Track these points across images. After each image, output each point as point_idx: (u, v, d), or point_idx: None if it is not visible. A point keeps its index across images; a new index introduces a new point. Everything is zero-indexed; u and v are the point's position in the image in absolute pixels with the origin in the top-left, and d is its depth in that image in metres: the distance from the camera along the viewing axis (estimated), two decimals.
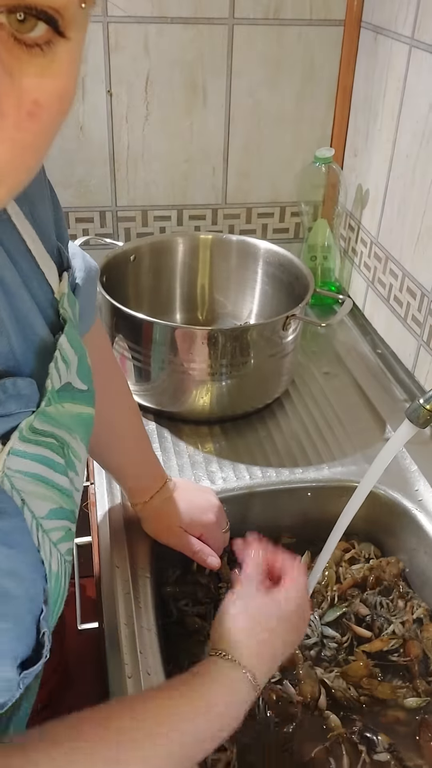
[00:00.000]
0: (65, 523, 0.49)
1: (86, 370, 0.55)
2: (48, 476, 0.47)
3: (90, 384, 0.55)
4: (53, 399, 0.49)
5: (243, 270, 1.20)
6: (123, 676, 0.68)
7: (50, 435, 0.48)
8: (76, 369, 0.53)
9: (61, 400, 0.50)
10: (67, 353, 0.50)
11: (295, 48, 1.25)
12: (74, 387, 0.52)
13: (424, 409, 0.63)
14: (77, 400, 0.53)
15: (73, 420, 0.52)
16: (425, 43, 1.02)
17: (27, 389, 0.45)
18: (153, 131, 1.28)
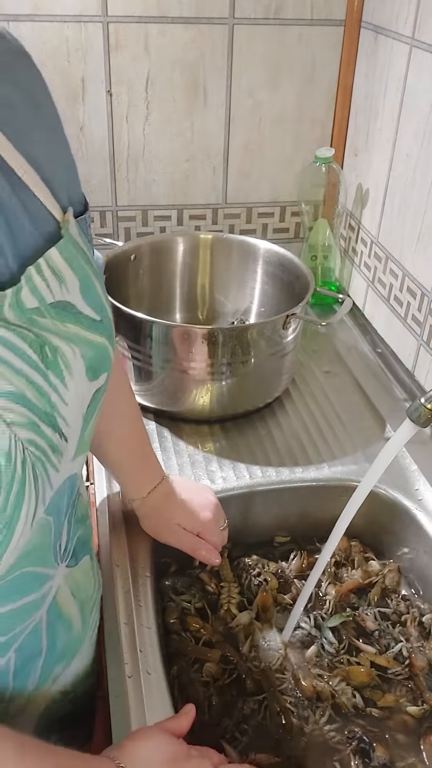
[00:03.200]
0: (28, 414, 0.47)
1: (98, 299, 0.54)
2: (12, 360, 0.45)
3: (105, 317, 0.55)
4: (47, 311, 0.48)
5: (243, 269, 1.20)
6: (123, 675, 0.68)
7: (25, 328, 0.47)
8: (80, 292, 0.52)
9: (61, 318, 0.49)
10: (59, 268, 0.49)
11: (295, 48, 1.26)
12: (81, 312, 0.52)
13: (425, 408, 0.63)
14: (86, 327, 0.52)
15: (78, 339, 0.51)
16: (425, 43, 1.02)
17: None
18: (153, 131, 1.28)
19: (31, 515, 0.48)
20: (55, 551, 0.59)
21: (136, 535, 0.84)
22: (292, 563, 0.90)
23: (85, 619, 0.67)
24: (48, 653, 0.61)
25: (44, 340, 0.48)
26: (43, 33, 1.17)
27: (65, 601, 0.62)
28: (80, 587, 0.65)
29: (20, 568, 0.54)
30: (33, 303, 0.47)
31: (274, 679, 0.77)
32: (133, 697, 0.66)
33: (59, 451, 0.50)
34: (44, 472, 0.49)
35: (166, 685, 0.69)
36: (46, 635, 0.60)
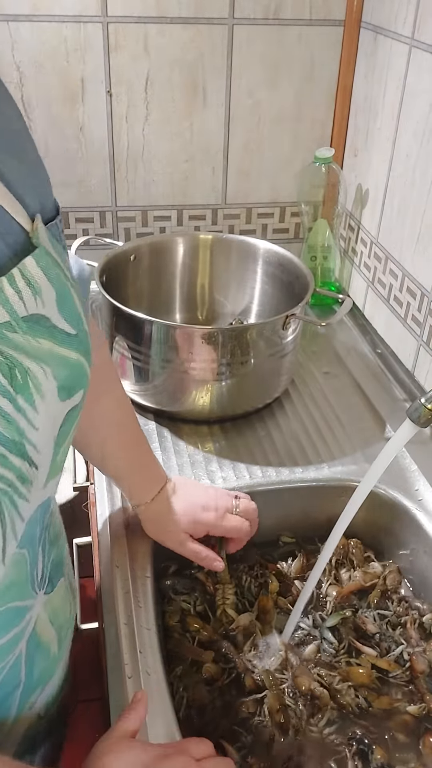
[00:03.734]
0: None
1: (74, 311, 0.51)
2: None
3: (81, 330, 0.51)
4: (18, 326, 0.45)
5: (243, 270, 1.20)
6: (123, 676, 0.68)
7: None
8: (56, 304, 0.48)
9: (34, 333, 0.46)
10: (34, 278, 0.46)
11: (295, 48, 1.26)
12: (55, 326, 0.48)
13: (425, 408, 0.63)
14: (60, 342, 0.49)
15: (51, 357, 0.48)
16: (425, 43, 1.02)
17: None
18: (153, 131, 1.28)
19: (1, 552, 0.45)
20: (32, 581, 0.57)
21: (135, 536, 0.84)
22: (292, 565, 0.90)
23: (62, 641, 0.66)
24: (26, 682, 0.60)
25: (14, 361, 0.44)
26: (42, 33, 1.17)
27: (43, 629, 0.61)
28: (57, 612, 0.64)
29: (1, 606, 0.52)
30: (4, 317, 0.43)
31: (275, 680, 0.77)
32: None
33: (29, 481, 0.47)
34: (12, 506, 0.46)
35: (166, 685, 0.69)
36: (24, 666, 0.59)
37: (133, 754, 0.56)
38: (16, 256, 0.45)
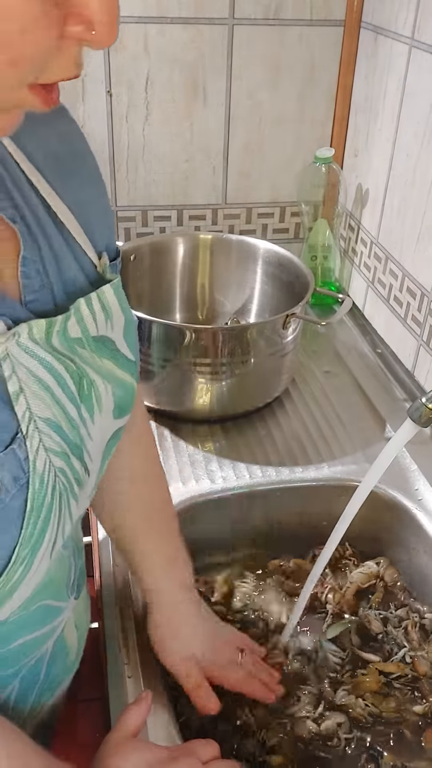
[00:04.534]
0: (62, 443, 0.47)
1: (134, 341, 0.57)
2: (53, 388, 0.47)
3: (137, 357, 0.57)
4: (87, 343, 0.50)
5: (243, 270, 1.20)
6: (123, 676, 0.68)
7: (68, 358, 0.48)
8: (123, 332, 0.54)
9: (100, 353, 0.51)
10: (109, 304, 0.52)
11: (295, 48, 1.26)
12: (119, 350, 0.54)
13: (426, 408, 0.63)
14: (121, 365, 0.54)
15: (111, 377, 0.52)
16: (425, 44, 1.02)
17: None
18: (153, 131, 1.28)
19: (51, 544, 0.48)
20: (68, 584, 0.60)
21: None
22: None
23: (80, 647, 0.67)
24: (43, 681, 0.61)
25: (83, 372, 0.49)
26: None
27: (69, 632, 0.63)
28: (81, 617, 0.66)
29: (38, 601, 0.54)
30: (77, 333, 0.48)
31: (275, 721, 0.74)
32: (132, 697, 0.66)
33: (82, 484, 0.51)
34: (68, 503, 0.49)
35: (167, 685, 0.69)
36: (46, 665, 0.61)
37: (139, 755, 0.56)
38: (89, 285, 0.51)
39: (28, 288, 0.46)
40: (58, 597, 0.58)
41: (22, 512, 0.44)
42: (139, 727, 0.59)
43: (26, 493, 0.44)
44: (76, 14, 0.34)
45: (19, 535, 0.44)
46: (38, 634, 0.57)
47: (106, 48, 0.36)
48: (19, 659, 0.57)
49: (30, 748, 0.52)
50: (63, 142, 0.53)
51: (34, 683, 0.60)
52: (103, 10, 0.34)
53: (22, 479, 0.44)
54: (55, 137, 0.52)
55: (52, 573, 0.54)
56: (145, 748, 0.58)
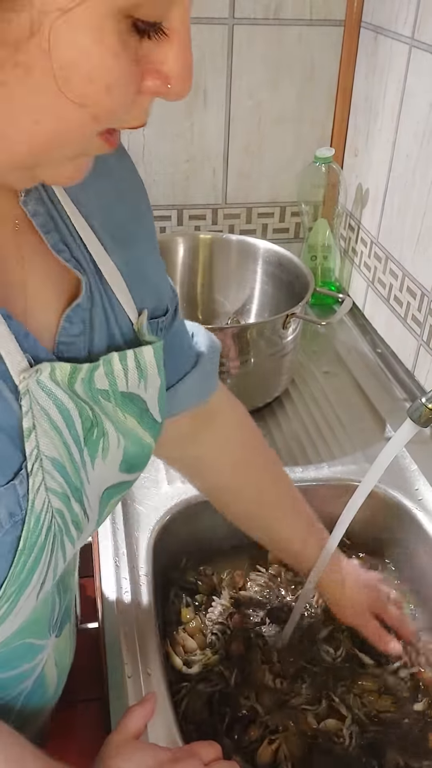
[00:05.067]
0: (64, 485, 0.47)
1: (164, 405, 0.56)
2: (62, 429, 0.46)
3: (163, 420, 0.57)
4: (114, 397, 0.49)
5: (243, 269, 1.20)
6: (123, 676, 0.68)
7: (87, 404, 0.48)
8: (157, 395, 0.54)
9: (124, 408, 0.51)
10: (146, 365, 0.51)
11: (295, 48, 1.25)
12: (148, 411, 0.53)
13: (426, 408, 0.63)
14: (145, 425, 0.54)
15: (130, 434, 0.52)
16: (425, 43, 1.02)
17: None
18: (153, 132, 1.28)
19: (40, 584, 0.48)
20: (50, 622, 0.59)
21: (136, 537, 0.84)
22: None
23: (60, 684, 0.67)
24: (17, 715, 0.61)
25: (99, 421, 0.49)
26: None
27: (50, 670, 0.63)
28: (62, 655, 0.65)
29: (20, 639, 0.54)
30: (104, 385, 0.48)
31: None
32: (132, 697, 0.66)
33: (81, 528, 0.51)
34: (62, 545, 0.49)
35: (166, 685, 0.69)
36: (22, 701, 0.60)
37: (141, 756, 0.56)
38: (125, 344, 0.51)
39: (67, 331, 0.47)
40: (39, 635, 0.58)
41: (14, 549, 0.44)
42: (141, 729, 0.59)
43: (19, 530, 0.44)
44: (155, 70, 0.35)
45: (8, 572, 0.44)
46: (17, 672, 0.57)
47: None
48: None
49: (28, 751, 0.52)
50: (121, 200, 0.54)
51: (8, 718, 0.59)
52: (180, 66, 0.36)
53: (18, 516, 0.44)
54: (113, 193, 0.53)
55: (37, 612, 0.54)
56: (147, 749, 0.58)
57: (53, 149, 0.36)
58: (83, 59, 0.32)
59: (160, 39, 0.35)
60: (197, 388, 0.66)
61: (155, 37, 0.34)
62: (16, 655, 0.55)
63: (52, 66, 0.32)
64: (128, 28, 0.33)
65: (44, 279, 0.47)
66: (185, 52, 0.36)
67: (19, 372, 0.42)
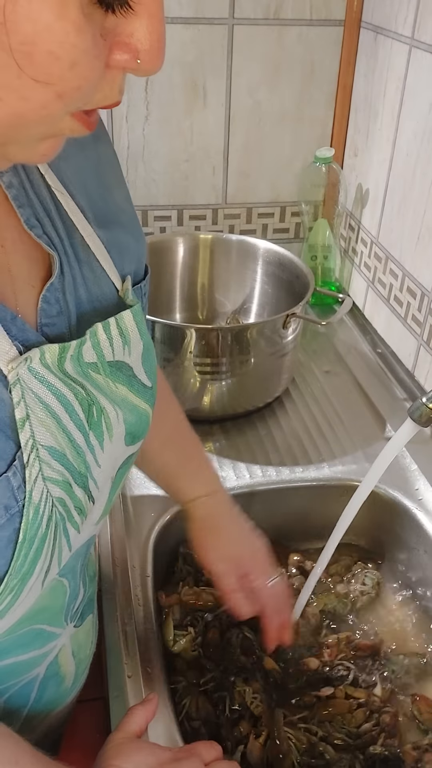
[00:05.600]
0: (65, 473, 0.47)
1: (152, 366, 0.56)
2: (60, 415, 0.46)
3: (155, 383, 0.56)
4: (102, 368, 0.49)
5: (243, 269, 1.20)
6: (123, 675, 0.68)
7: (79, 384, 0.47)
8: (141, 358, 0.53)
9: (115, 379, 0.50)
10: (128, 329, 0.51)
11: (295, 48, 1.25)
12: (135, 376, 0.53)
13: (426, 407, 0.63)
14: (136, 391, 0.53)
15: (124, 403, 0.52)
16: (425, 43, 1.02)
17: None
18: (153, 131, 1.28)
19: (44, 573, 0.47)
20: (66, 612, 0.59)
21: (136, 537, 0.84)
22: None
23: (78, 676, 0.67)
24: (33, 705, 0.61)
25: (93, 399, 0.49)
26: None
27: (65, 659, 0.63)
28: (81, 646, 0.65)
29: (29, 625, 0.54)
30: (92, 358, 0.48)
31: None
32: (132, 697, 0.66)
33: (84, 513, 0.50)
34: (65, 533, 0.48)
35: (166, 684, 0.69)
36: (36, 689, 0.60)
37: (142, 756, 0.56)
38: (109, 309, 0.51)
39: (46, 312, 0.46)
40: (52, 623, 0.57)
41: (13, 542, 0.43)
42: (142, 729, 0.59)
43: (17, 522, 0.43)
44: (123, 43, 0.34)
45: (9, 565, 0.44)
46: (27, 657, 0.56)
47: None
48: (6, 679, 0.56)
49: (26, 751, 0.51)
50: (99, 168, 0.53)
51: (23, 705, 0.60)
52: (150, 38, 0.34)
53: (14, 508, 0.43)
54: (92, 162, 0.52)
55: (45, 601, 0.53)
56: (148, 749, 0.58)
57: (19, 128, 0.35)
58: (45, 35, 0.30)
59: (126, 14, 0.32)
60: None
61: (121, 11, 0.32)
62: (25, 640, 0.55)
63: (9, 42, 0.30)
64: (91, 1, 0.31)
65: (25, 258, 0.46)
66: (156, 25, 0.34)
67: (7, 362, 0.42)
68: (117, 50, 0.34)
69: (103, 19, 0.32)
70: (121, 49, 0.34)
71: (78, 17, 0.31)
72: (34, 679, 0.59)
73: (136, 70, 0.35)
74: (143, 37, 0.34)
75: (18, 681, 0.57)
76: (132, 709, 0.61)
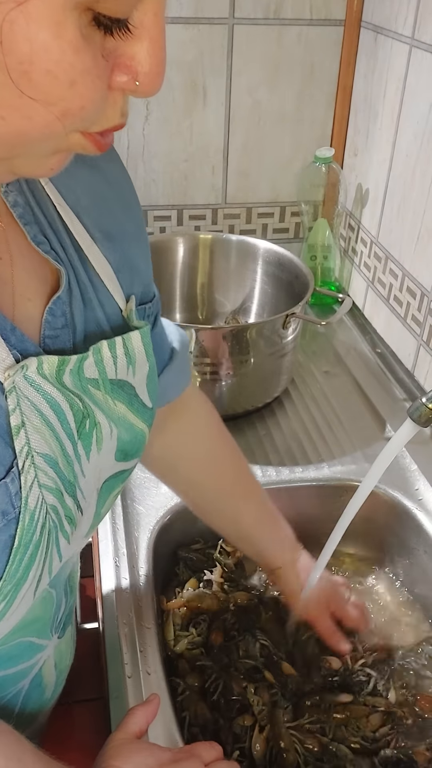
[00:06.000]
0: (57, 480, 0.47)
1: (155, 387, 0.56)
2: (54, 423, 0.46)
3: (155, 404, 0.57)
4: (103, 385, 0.49)
5: (242, 269, 1.20)
6: (123, 675, 0.68)
7: (77, 396, 0.48)
8: (146, 379, 0.53)
9: (114, 396, 0.51)
10: (134, 351, 0.51)
11: (295, 48, 1.25)
12: (138, 397, 0.53)
13: (426, 408, 0.63)
14: (136, 411, 0.53)
15: (121, 421, 0.52)
16: (425, 43, 1.02)
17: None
18: (153, 131, 1.28)
19: (36, 581, 0.48)
20: (52, 623, 0.59)
21: (136, 536, 0.84)
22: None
23: (58, 685, 0.67)
24: (17, 716, 0.61)
25: (89, 412, 0.49)
26: None
27: (48, 671, 0.63)
28: (62, 657, 0.66)
29: (19, 637, 0.54)
30: (93, 374, 0.48)
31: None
32: (132, 697, 0.66)
33: (74, 523, 0.50)
34: (56, 542, 0.49)
35: (166, 685, 0.69)
36: (20, 702, 0.60)
37: (143, 757, 0.56)
38: (112, 329, 0.51)
39: (50, 324, 0.47)
40: (40, 635, 0.58)
41: (8, 547, 0.44)
42: (143, 729, 0.59)
43: (13, 528, 0.44)
44: (124, 65, 0.34)
45: (4, 571, 0.44)
46: (15, 670, 0.56)
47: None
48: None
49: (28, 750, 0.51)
50: (109, 192, 0.53)
51: (8, 718, 0.59)
52: (150, 62, 0.34)
53: (10, 514, 0.43)
54: (102, 184, 0.53)
55: (36, 611, 0.54)
56: (148, 749, 0.58)
57: (25, 145, 0.35)
58: (42, 54, 0.31)
59: (126, 36, 0.33)
60: (174, 383, 0.67)
61: (119, 34, 0.33)
62: (14, 653, 0.55)
63: (6, 61, 0.30)
64: (90, 22, 0.31)
65: (29, 272, 0.47)
66: (156, 50, 0.34)
67: (4, 369, 0.42)
68: (118, 71, 0.34)
69: (104, 41, 0.33)
70: (121, 71, 0.34)
71: (75, 37, 0.31)
72: (19, 692, 0.59)
73: (134, 92, 0.36)
74: (143, 60, 0.34)
75: (4, 695, 0.58)
76: (133, 709, 0.61)
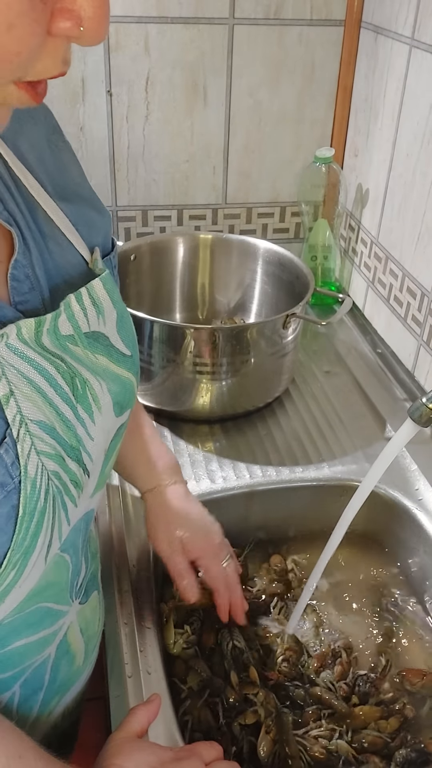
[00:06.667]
0: (56, 446, 0.47)
1: (130, 334, 0.56)
2: (45, 389, 0.46)
3: (135, 351, 0.56)
4: (80, 340, 0.49)
5: (243, 269, 1.20)
6: (123, 675, 0.68)
7: (59, 357, 0.47)
8: (116, 326, 0.53)
9: (93, 349, 0.51)
10: (100, 299, 0.51)
11: (295, 48, 1.26)
12: (113, 345, 0.53)
13: (426, 408, 0.63)
14: (116, 360, 0.53)
15: (106, 373, 0.52)
16: (425, 43, 1.02)
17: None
18: (153, 131, 1.28)
19: (46, 548, 0.48)
20: (71, 588, 0.59)
21: (136, 536, 0.84)
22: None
23: (88, 653, 0.67)
24: (48, 687, 0.61)
25: (75, 371, 0.49)
26: None
27: (74, 637, 0.63)
28: (88, 623, 0.66)
29: (35, 603, 0.54)
30: (68, 330, 0.48)
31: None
32: (133, 697, 0.66)
33: (80, 487, 0.50)
34: (63, 506, 0.49)
35: (166, 685, 0.69)
36: (50, 670, 0.61)
37: (143, 756, 0.56)
38: (80, 281, 0.50)
39: (17, 290, 0.46)
40: (58, 600, 0.58)
41: (13, 517, 0.44)
42: (144, 729, 0.60)
43: (15, 498, 0.44)
44: (64, 10, 0.33)
45: (11, 541, 0.44)
46: (37, 637, 0.57)
47: (99, 45, 0.36)
48: (20, 662, 0.57)
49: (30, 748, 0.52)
50: (51, 141, 0.53)
51: (39, 688, 0.60)
52: (92, 6, 0.33)
53: (10, 485, 0.43)
54: (44, 135, 0.52)
55: (50, 577, 0.54)
56: (149, 748, 0.58)
57: None
58: None
59: None
60: None
61: None
62: (33, 620, 0.55)
63: None
64: None
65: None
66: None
67: None
68: (59, 17, 0.33)
69: None
70: (63, 16, 0.33)
71: None
72: (47, 660, 0.60)
73: (79, 39, 0.34)
74: (85, 4, 0.33)
75: (31, 663, 0.58)
76: (134, 708, 0.61)
